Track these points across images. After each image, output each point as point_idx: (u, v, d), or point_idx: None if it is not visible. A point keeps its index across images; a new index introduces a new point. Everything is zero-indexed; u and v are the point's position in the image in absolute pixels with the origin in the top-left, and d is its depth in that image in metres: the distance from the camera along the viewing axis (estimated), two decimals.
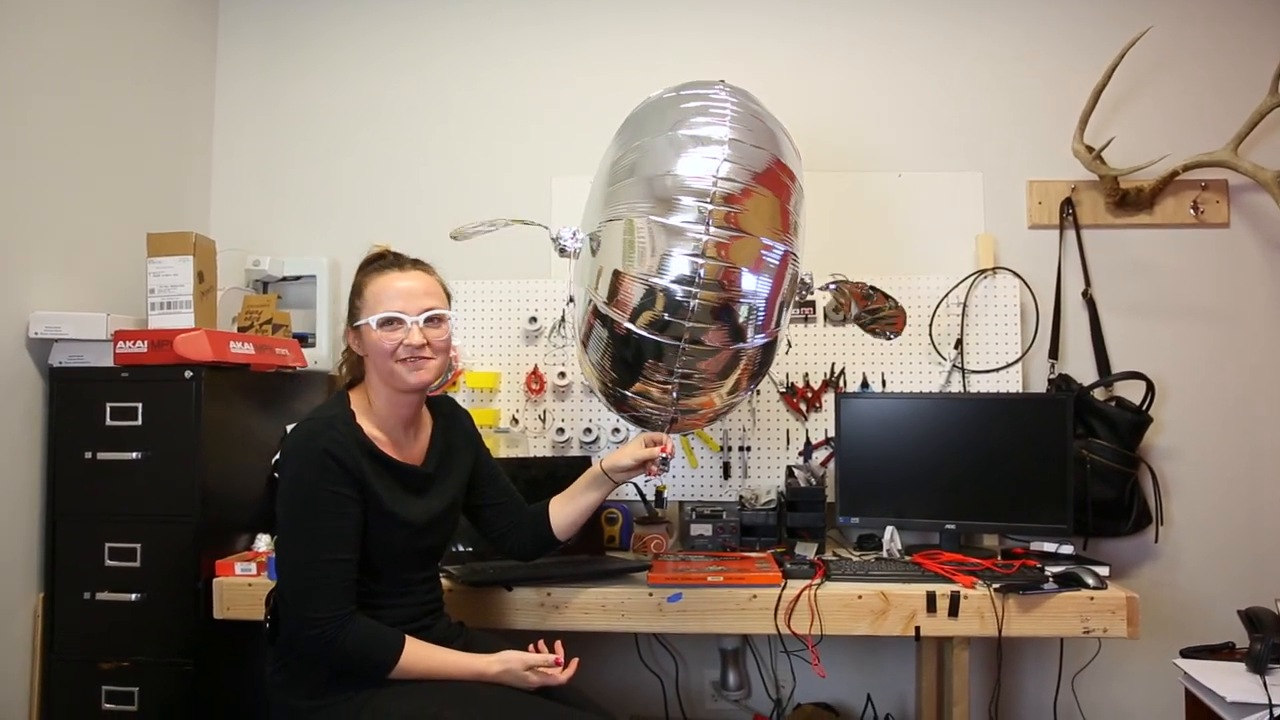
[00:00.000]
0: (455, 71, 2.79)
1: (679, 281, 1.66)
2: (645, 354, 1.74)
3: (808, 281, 1.90)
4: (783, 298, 1.78)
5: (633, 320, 1.72)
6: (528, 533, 1.87)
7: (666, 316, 1.68)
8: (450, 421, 1.81)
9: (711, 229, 1.65)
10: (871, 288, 2.12)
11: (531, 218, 1.99)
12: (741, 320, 1.73)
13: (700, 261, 1.65)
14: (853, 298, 2.11)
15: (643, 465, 1.83)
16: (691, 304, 1.67)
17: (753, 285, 1.71)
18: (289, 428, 1.61)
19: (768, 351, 1.86)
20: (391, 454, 1.63)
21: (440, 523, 1.70)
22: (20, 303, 2.10)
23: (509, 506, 1.88)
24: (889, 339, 2.19)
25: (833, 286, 2.11)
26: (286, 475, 1.56)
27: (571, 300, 1.96)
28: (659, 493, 2.45)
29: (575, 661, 1.64)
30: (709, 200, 1.66)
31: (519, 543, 1.88)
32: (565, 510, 1.87)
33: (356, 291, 1.67)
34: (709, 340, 1.72)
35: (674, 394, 1.78)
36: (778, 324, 1.81)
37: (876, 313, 2.12)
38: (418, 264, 1.71)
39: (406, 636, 1.55)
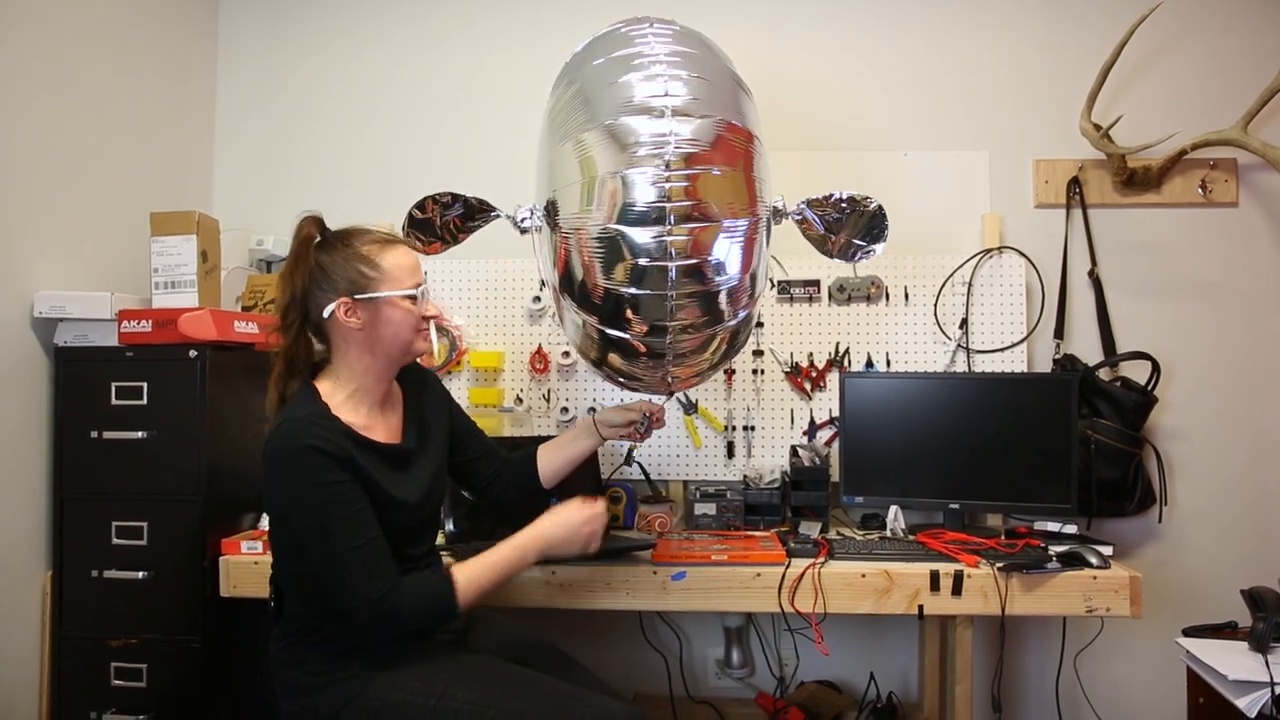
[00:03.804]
0: (460, 54, 2.77)
1: (653, 289, 1.59)
2: (634, 357, 1.73)
3: (781, 208, 1.78)
4: (755, 266, 1.70)
5: (616, 327, 1.67)
6: (511, 480, 1.91)
7: (651, 321, 1.63)
8: (419, 389, 1.78)
9: (673, 233, 1.55)
10: (841, 198, 1.85)
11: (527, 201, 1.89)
12: (720, 301, 1.66)
13: (671, 265, 1.56)
14: (823, 216, 1.86)
15: (630, 426, 1.87)
16: (669, 305, 1.60)
17: (724, 268, 1.62)
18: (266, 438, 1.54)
19: (748, 320, 1.82)
20: (375, 437, 1.60)
21: (432, 493, 1.70)
22: (25, 282, 2.10)
23: (490, 458, 1.91)
24: (868, 254, 1.86)
25: (797, 217, 1.85)
26: (278, 485, 1.50)
27: (544, 284, 1.91)
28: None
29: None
30: (667, 198, 1.55)
31: (503, 491, 1.91)
32: (553, 457, 1.91)
33: (363, 261, 1.57)
34: (689, 322, 1.66)
35: (668, 378, 1.77)
36: (752, 295, 1.74)
37: (857, 222, 1.84)
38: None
39: (451, 569, 1.55)
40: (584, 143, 1.64)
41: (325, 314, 1.57)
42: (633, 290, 1.60)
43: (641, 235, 1.57)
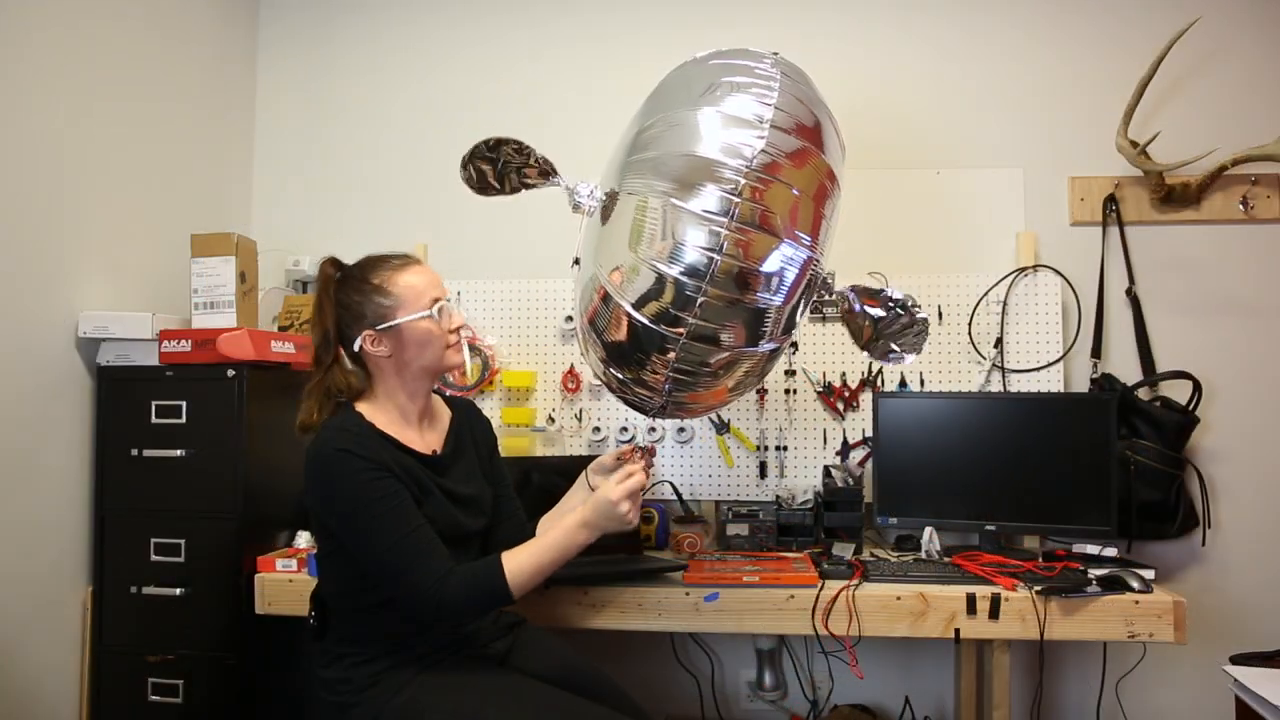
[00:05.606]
0: (493, 65, 2.81)
1: (690, 274, 1.51)
2: (645, 344, 1.61)
3: (830, 282, 1.73)
4: (797, 302, 1.64)
5: (637, 308, 1.58)
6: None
7: (672, 310, 1.55)
8: (467, 420, 1.83)
9: (734, 222, 1.50)
10: (891, 298, 1.80)
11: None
12: (752, 322, 1.59)
13: (717, 257, 1.51)
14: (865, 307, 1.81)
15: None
16: (699, 299, 1.53)
17: (771, 287, 1.56)
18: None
19: (774, 355, 1.74)
20: (409, 444, 1.65)
21: (467, 504, 1.71)
22: (70, 303, 2.15)
23: (512, 522, 1.86)
24: (899, 361, 1.82)
25: (851, 294, 1.81)
26: (317, 491, 1.56)
27: (578, 262, 1.80)
28: None
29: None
30: (736, 193, 1.50)
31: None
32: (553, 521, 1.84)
33: (378, 292, 1.63)
34: (713, 338, 1.59)
35: (666, 386, 1.67)
36: (786, 330, 1.67)
37: (893, 327, 1.81)
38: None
39: (501, 558, 1.57)
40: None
41: (355, 348, 1.64)
42: (671, 271, 1.53)
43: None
